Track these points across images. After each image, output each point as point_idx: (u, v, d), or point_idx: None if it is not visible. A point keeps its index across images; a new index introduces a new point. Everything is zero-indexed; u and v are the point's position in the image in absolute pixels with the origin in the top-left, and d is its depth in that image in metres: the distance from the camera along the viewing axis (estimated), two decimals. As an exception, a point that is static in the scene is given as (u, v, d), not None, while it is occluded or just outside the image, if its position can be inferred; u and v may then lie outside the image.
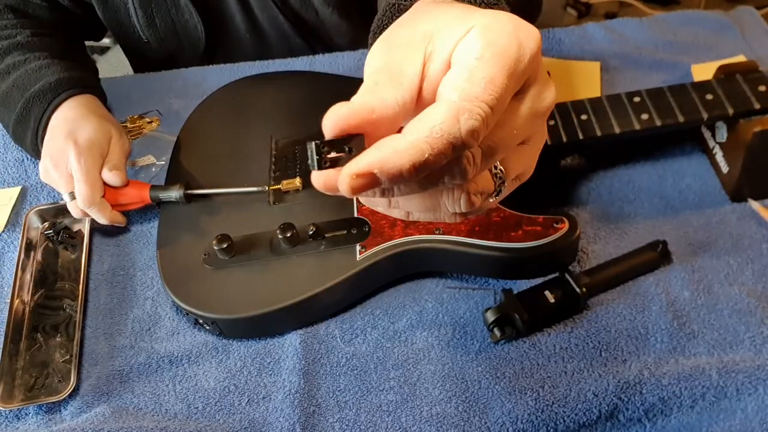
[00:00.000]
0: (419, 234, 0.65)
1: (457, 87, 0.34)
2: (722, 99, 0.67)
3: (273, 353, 0.66)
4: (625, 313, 0.65)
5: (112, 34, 0.98)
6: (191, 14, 0.91)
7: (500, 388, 0.61)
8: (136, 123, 0.86)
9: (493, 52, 0.35)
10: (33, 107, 0.75)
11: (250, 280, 0.65)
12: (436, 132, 0.32)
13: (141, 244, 0.75)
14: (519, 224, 0.63)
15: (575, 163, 0.78)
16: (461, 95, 0.33)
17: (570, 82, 0.85)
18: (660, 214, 0.72)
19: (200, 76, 0.92)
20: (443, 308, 0.67)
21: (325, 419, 0.61)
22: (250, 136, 0.78)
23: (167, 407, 0.63)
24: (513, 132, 0.38)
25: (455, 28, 0.36)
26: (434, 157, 0.32)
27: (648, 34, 0.91)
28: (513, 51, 0.35)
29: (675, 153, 0.77)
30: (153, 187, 0.73)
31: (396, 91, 0.35)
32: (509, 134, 0.38)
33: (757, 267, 0.67)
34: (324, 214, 0.69)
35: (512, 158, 0.40)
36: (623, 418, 0.59)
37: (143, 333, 0.68)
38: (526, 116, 0.38)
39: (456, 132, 0.33)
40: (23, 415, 0.64)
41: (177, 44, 0.96)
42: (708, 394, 0.59)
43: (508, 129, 0.37)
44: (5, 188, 0.82)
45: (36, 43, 0.82)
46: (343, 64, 0.91)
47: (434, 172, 0.34)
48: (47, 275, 0.74)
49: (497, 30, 0.36)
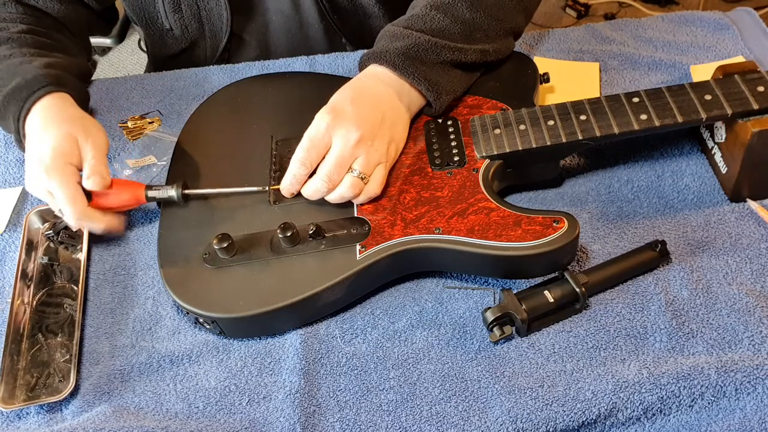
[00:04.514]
0: (419, 234, 0.65)
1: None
2: (721, 99, 0.67)
3: (273, 353, 0.66)
4: (624, 313, 0.65)
5: (134, 21, 0.99)
6: (218, 1, 0.93)
7: (500, 388, 0.61)
8: (137, 123, 0.86)
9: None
10: (10, 105, 0.75)
11: (250, 280, 0.66)
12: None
13: (142, 244, 0.75)
14: (518, 223, 0.64)
15: (575, 163, 0.78)
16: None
17: (569, 82, 0.85)
18: (659, 214, 0.72)
19: (201, 76, 0.92)
20: (443, 308, 0.67)
21: (326, 419, 0.61)
22: (251, 137, 0.78)
23: (168, 407, 0.63)
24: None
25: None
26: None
27: (647, 34, 0.91)
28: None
29: (674, 153, 0.77)
30: (149, 187, 0.73)
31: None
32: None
33: (755, 266, 0.67)
34: (324, 214, 0.69)
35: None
36: (622, 417, 0.59)
37: (144, 332, 0.69)
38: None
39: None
40: (24, 414, 0.64)
41: (200, 32, 0.97)
42: (707, 394, 0.59)
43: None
44: (6, 188, 0.82)
45: (27, 39, 0.81)
46: (343, 64, 0.92)
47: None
48: (48, 275, 0.74)
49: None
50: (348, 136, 0.67)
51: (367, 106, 0.69)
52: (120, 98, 0.90)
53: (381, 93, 0.71)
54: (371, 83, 0.72)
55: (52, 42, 0.84)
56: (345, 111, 0.68)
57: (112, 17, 0.99)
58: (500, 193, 0.73)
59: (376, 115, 0.69)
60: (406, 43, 0.72)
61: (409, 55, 0.72)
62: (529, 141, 0.69)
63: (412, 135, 0.74)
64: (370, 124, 0.68)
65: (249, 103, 0.82)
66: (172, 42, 0.99)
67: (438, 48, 0.72)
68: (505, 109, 0.74)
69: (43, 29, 0.84)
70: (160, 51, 1.03)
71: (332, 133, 0.67)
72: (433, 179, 0.69)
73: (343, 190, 0.67)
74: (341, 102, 0.69)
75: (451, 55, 0.73)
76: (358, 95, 0.70)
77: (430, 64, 0.72)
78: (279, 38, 1.01)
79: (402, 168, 0.72)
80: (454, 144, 0.72)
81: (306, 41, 1.02)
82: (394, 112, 0.71)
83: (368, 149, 0.67)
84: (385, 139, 0.69)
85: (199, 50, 1.00)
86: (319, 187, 0.67)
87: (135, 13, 0.97)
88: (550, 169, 0.74)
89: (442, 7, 0.74)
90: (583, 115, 0.69)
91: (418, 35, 0.72)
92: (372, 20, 0.99)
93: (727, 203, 0.72)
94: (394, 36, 0.74)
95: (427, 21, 0.74)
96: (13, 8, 0.83)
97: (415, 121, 0.75)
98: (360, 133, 0.67)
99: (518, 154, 0.69)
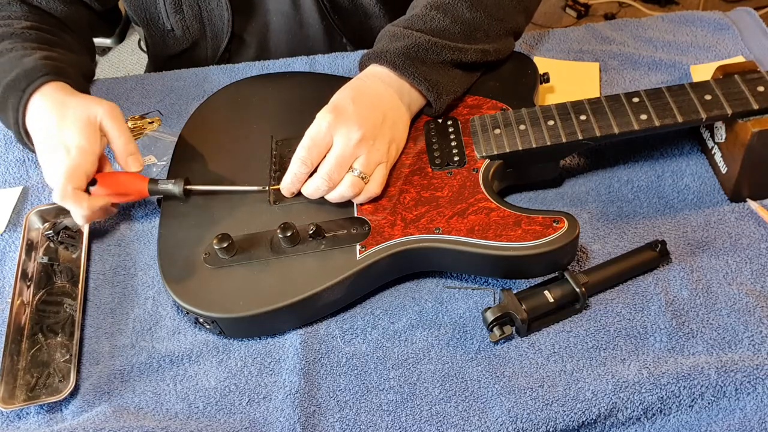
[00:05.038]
0: (419, 234, 0.65)
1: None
2: (721, 99, 0.67)
3: (273, 353, 0.66)
4: (624, 313, 0.65)
5: (136, 21, 0.99)
6: (219, 2, 0.93)
7: (500, 388, 0.61)
8: (137, 123, 0.86)
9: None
10: (9, 96, 0.74)
11: (250, 280, 0.66)
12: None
13: (142, 244, 0.75)
14: (518, 223, 0.64)
15: (575, 163, 0.78)
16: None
17: (569, 82, 0.85)
18: (659, 214, 0.72)
19: (201, 76, 0.93)
20: (443, 308, 0.67)
21: (326, 419, 0.61)
22: (251, 137, 0.78)
23: (168, 407, 0.63)
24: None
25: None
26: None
27: (647, 34, 0.91)
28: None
29: (674, 153, 0.77)
30: (152, 181, 0.73)
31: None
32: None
33: (755, 266, 0.67)
34: (324, 214, 0.69)
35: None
36: (622, 417, 0.59)
37: (144, 332, 0.69)
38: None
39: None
40: (24, 414, 0.64)
41: (201, 33, 0.97)
42: (707, 394, 0.59)
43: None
44: (6, 188, 0.82)
45: (30, 35, 0.81)
46: (343, 64, 0.92)
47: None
48: (48, 275, 0.74)
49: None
50: (349, 135, 0.67)
51: (368, 105, 0.69)
52: (120, 98, 0.90)
53: (382, 93, 0.71)
54: (372, 83, 0.72)
55: (55, 39, 0.84)
56: (346, 110, 0.68)
57: (115, 18, 0.99)
58: (500, 193, 0.73)
59: (377, 114, 0.69)
60: (406, 43, 0.72)
61: (410, 55, 0.72)
62: (529, 141, 0.69)
63: (412, 135, 0.74)
64: (371, 123, 0.68)
65: (249, 103, 0.82)
66: (173, 42, 0.99)
67: (438, 48, 0.72)
68: (505, 109, 0.74)
69: (46, 27, 0.84)
70: (161, 51, 1.03)
71: (334, 133, 0.67)
72: (433, 179, 0.70)
73: (343, 190, 0.67)
74: (342, 101, 0.69)
75: (451, 55, 0.73)
76: (359, 95, 0.70)
77: (431, 64, 0.72)
78: (279, 38, 1.01)
79: (402, 168, 0.72)
80: (454, 144, 0.72)
81: (306, 41, 1.02)
82: (395, 112, 0.71)
83: (369, 149, 0.68)
84: (386, 138, 0.70)
85: (199, 50, 1.00)
86: (319, 185, 0.68)
87: (136, 13, 0.97)
88: (550, 169, 0.74)
89: (442, 7, 0.74)
90: (583, 115, 0.69)
91: (418, 35, 0.72)
92: (372, 20, 1.00)
93: (727, 203, 0.72)
94: (394, 36, 0.74)
95: (427, 21, 0.74)
96: (17, 7, 0.84)
97: (415, 121, 0.75)
98: (361, 132, 0.67)
99: (518, 154, 0.69)
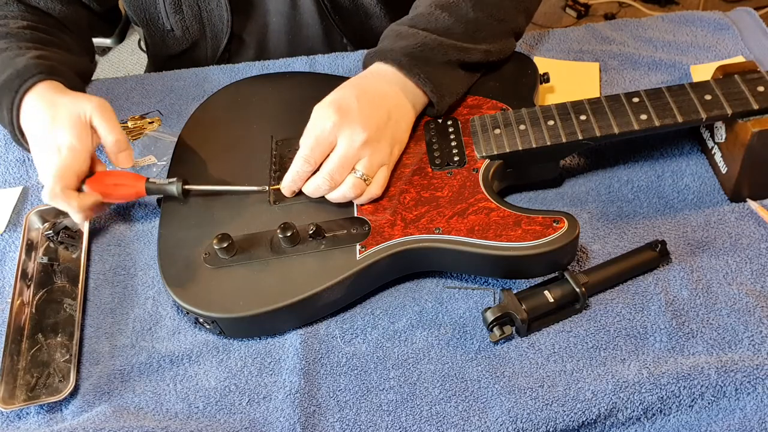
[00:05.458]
0: (419, 234, 0.65)
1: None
2: (721, 99, 0.67)
3: (273, 353, 0.66)
4: (624, 313, 0.65)
5: (135, 21, 0.99)
6: (219, 2, 0.93)
7: (500, 388, 0.61)
8: (137, 123, 0.86)
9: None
10: (3, 97, 0.74)
11: (250, 280, 0.66)
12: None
13: (142, 244, 0.75)
14: (518, 223, 0.64)
15: (575, 163, 0.78)
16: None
17: (569, 82, 0.85)
18: (659, 214, 0.72)
19: (201, 76, 0.93)
20: (443, 308, 0.67)
21: (326, 419, 0.61)
22: (251, 137, 0.78)
23: (168, 407, 0.63)
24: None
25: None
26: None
27: (647, 34, 0.91)
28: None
29: (674, 153, 0.77)
30: (149, 180, 0.73)
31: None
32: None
33: (755, 266, 0.67)
34: (324, 214, 0.69)
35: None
36: (622, 417, 0.59)
37: (144, 332, 0.69)
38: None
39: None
40: (24, 414, 0.64)
41: (200, 33, 0.97)
42: (707, 394, 0.59)
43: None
44: (6, 188, 0.82)
45: (25, 35, 0.80)
46: (343, 64, 0.92)
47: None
48: (48, 275, 0.74)
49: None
50: (354, 137, 0.67)
51: (372, 104, 0.69)
52: (120, 98, 0.90)
53: (386, 91, 0.71)
54: (375, 81, 0.72)
55: (51, 39, 0.84)
56: (351, 110, 0.68)
57: (114, 18, 0.98)
58: (500, 193, 0.73)
59: (381, 114, 0.69)
60: (411, 42, 0.72)
61: (415, 54, 0.72)
62: (529, 141, 0.69)
63: (413, 135, 0.74)
64: (375, 124, 0.68)
65: (249, 103, 0.82)
66: (173, 42, 0.99)
67: (444, 47, 0.72)
68: (505, 109, 0.74)
69: (44, 26, 0.84)
70: (161, 51, 1.03)
71: (338, 133, 0.67)
72: (433, 179, 0.69)
73: (345, 190, 0.67)
74: (346, 99, 0.69)
75: (456, 54, 0.73)
76: (363, 93, 0.70)
77: (435, 64, 0.72)
78: (279, 39, 1.01)
79: (402, 168, 0.72)
80: (454, 144, 0.72)
81: (306, 42, 1.02)
82: (399, 110, 0.71)
83: (373, 150, 0.68)
84: (390, 139, 0.69)
85: (199, 51, 1.00)
86: (320, 185, 0.68)
87: (136, 13, 0.97)
88: (550, 169, 0.74)
89: (446, 6, 0.74)
90: (583, 115, 0.69)
91: (424, 34, 0.72)
92: (373, 20, 0.99)
93: (727, 203, 0.72)
94: (399, 35, 0.74)
95: (432, 20, 0.74)
96: (15, 7, 0.83)
97: (416, 121, 0.75)
98: (366, 134, 0.67)
99: (518, 154, 0.69)
